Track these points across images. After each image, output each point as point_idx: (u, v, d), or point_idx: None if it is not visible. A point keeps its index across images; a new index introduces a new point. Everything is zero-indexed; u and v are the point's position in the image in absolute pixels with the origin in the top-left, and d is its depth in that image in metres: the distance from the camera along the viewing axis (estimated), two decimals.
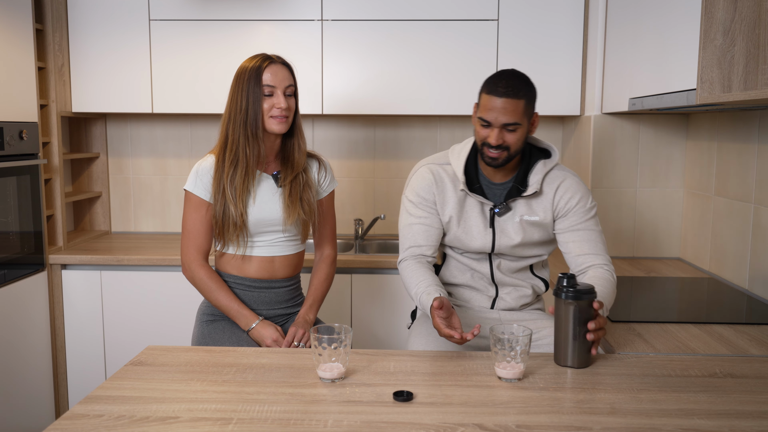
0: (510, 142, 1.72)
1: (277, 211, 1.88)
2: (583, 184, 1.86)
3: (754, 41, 1.45)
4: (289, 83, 1.83)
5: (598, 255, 1.81)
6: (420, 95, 2.91)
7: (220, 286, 1.88)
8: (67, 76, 2.96)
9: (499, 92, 1.68)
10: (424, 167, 1.88)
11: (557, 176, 1.84)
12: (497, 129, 1.70)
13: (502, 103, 1.68)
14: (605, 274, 1.76)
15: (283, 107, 1.81)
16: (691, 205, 2.68)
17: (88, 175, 3.33)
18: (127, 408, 1.27)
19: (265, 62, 1.83)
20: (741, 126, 2.30)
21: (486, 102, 1.71)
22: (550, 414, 1.26)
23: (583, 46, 2.86)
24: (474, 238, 1.85)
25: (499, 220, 1.83)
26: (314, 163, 2.00)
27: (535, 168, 1.82)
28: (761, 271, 2.16)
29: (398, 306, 2.78)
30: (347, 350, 1.42)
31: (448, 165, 1.87)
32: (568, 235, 1.83)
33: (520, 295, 1.92)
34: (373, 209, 3.31)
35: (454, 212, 1.84)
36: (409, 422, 1.22)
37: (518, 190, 1.81)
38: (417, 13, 2.86)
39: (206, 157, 1.89)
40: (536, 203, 1.83)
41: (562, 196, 1.82)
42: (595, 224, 1.84)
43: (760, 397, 1.34)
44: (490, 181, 1.85)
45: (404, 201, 1.90)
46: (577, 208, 1.82)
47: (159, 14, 2.91)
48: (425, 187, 1.85)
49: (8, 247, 2.56)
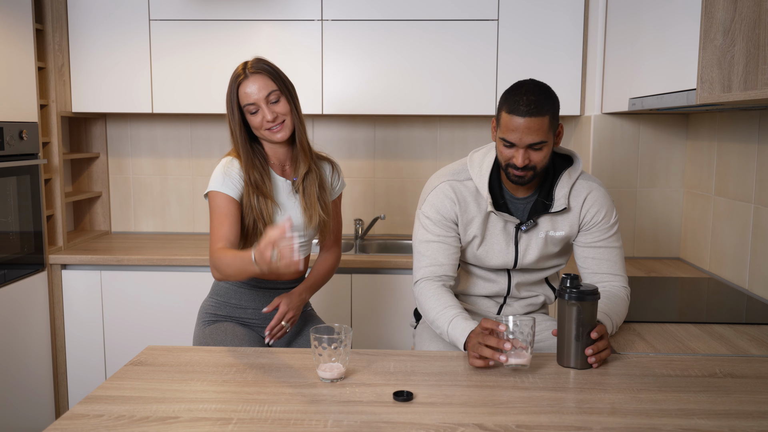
0: (536, 161, 1.61)
1: (298, 216, 1.87)
2: (608, 197, 1.77)
3: (754, 41, 1.45)
4: (269, 90, 1.75)
5: (616, 276, 1.76)
6: (420, 95, 2.91)
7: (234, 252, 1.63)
8: (67, 76, 2.96)
9: (521, 111, 1.55)
10: (445, 184, 1.75)
11: (583, 187, 1.74)
12: (522, 149, 1.58)
13: (525, 123, 1.55)
14: (619, 292, 1.73)
15: (270, 119, 1.75)
16: (691, 205, 2.68)
17: (88, 175, 3.33)
18: (127, 408, 1.27)
19: (239, 78, 1.76)
20: (741, 126, 2.30)
21: (507, 122, 1.58)
22: (551, 414, 1.26)
23: (583, 46, 2.86)
24: (495, 255, 1.77)
25: (524, 236, 1.76)
26: (327, 166, 1.97)
27: (560, 181, 1.71)
28: (761, 271, 2.15)
29: (398, 306, 2.78)
30: (347, 350, 1.42)
31: (469, 180, 1.75)
32: (588, 251, 1.76)
33: (528, 304, 1.90)
34: (373, 209, 3.31)
35: (479, 231, 1.74)
36: (409, 422, 1.22)
37: (543, 204, 1.72)
38: (417, 13, 2.86)
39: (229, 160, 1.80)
40: (561, 219, 1.75)
41: (588, 209, 1.74)
42: (615, 240, 1.77)
43: (760, 397, 1.34)
44: (513, 196, 1.75)
45: (421, 217, 1.77)
46: (601, 223, 1.74)
47: (159, 14, 2.91)
48: (447, 206, 1.73)
49: (8, 247, 2.56)
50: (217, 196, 1.77)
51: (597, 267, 1.77)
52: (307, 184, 1.87)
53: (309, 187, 1.87)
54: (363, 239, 3.20)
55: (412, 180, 3.27)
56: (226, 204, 1.76)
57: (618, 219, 1.80)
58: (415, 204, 3.26)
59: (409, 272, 2.75)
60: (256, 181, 1.78)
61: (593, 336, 1.49)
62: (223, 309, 1.93)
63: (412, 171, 3.26)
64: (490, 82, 2.89)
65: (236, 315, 1.93)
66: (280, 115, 1.77)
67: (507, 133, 1.59)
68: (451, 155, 3.22)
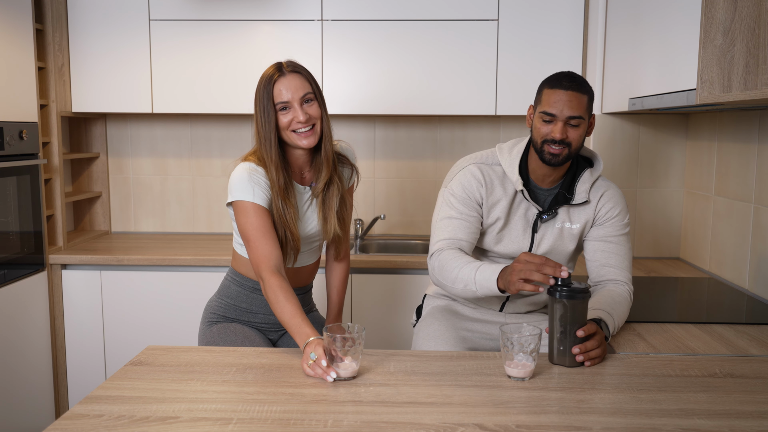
0: (572, 138, 1.68)
1: (316, 224, 1.83)
2: (624, 200, 1.83)
3: (754, 41, 1.45)
4: (305, 92, 1.71)
5: (622, 270, 1.78)
6: (420, 95, 2.91)
7: (288, 298, 1.61)
8: (67, 76, 2.96)
9: (564, 85, 1.66)
10: (473, 165, 1.80)
11: (601, 185, 1.82)
12: (561, 123, 1.66)
13: (567, 96, 1.65)
14: (623, 293, 1.75)
15: (302, 120, 1.70)
16: (691, 205, 2.68)
17: (88, 175, 3.33)
18: (127, 408, 1.27)
19: (275, 76, 1.71)
20: (741, 126, 2.30)
21: (550, 95, 1.67)
22: (550, 414, 1.26)
23: (583, 46, 2.86)
24: (512, 241, 1.81)
25: (542, 226, 1.80)
26: (347, 171, 1.91)
27: (582, 177, 1.79)
28: (761, 271, 2.15)
29: (398, 306, 2.78)
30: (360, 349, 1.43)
31: (498, 165, 1.80)
32: (598, 244, 1.80)
33: (532, 302, 1.91)
34: (373, 209, 3.31)
35: (503, 215, 1.79)
36: (409, 422, 1.22)
37: (564, 197, 1.78)
38: (417, 13, 2.86)
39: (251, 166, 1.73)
40: (578, 212, 1.80)
41: (604, 204, 1.80)
42: (626, 241, 1.81)
43: (760, 397, 1.34)
44: (537, 186, 1.81)
45: (446, 194, 1.81)
46: (615, 220, 1.80)
47: (159, 14, 2.91)
48: (474, 186, 1.78)
49: (8, 247, 2.56)
50: (250, 207, 1.69)
51: (606, 259, 1.79)
52: (327, 196, 1.82)
53: (329, 200, 1.82)
54: (363, 239, 3.20)
55: (412, 180, 3.27)
56: (262, 216, 1.69)
57: (629, 224, 1.84)
58: (415, 204, 3.26)
59: (409, 272, 2.75)
60: (282, 187, 1.73)
61: (579, 335, 1.49)
62: (231, 312, 1.89)
63: (412, 171, 3.26)
64: (490, 82, 2.89)
65: (245, 319, 1.89)
66: (312, 118, 1.73)
67: (548, 105, 1.67)
68: (451, 155, 3.22)
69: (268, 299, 1.64)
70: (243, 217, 1.70)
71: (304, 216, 1.81)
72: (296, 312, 1.57)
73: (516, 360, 1.42)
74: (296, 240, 1.75)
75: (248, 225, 1.69)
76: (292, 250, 1.77)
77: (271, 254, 1.66)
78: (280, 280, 1.63)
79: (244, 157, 1.79)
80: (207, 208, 3.32)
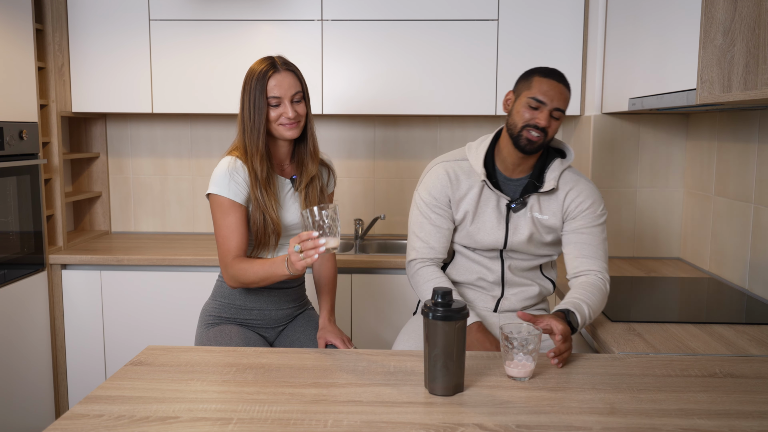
0: (551, 128, 1.75)
1: (297, 215, 1.89)
2: (596, 191, 1.86)
3: (754, 41, 1.45)
4: (296, 90, 1.80)
5: (597, 260, 1.81)
6: (420, 95, 2.91)
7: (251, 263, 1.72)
8: (67, 76, 2.96)
9: (556, 77, 1.73)
10: (439, 165, 1.88)
11: (571, 179, 1.85)
12: (547, 111, 1.72)
13: (558, 87, 1.72)
14: (596, 282, 1.77)
15: (291, 117, 1.78)
16: (691, 205, 2.68)
17: (88, 175, 3.33)
18: (127, 408, 1.27)
19: (270, 71, 1.78)
20: (741, 126, 2.30)
21: (542, 83, 1.72)
22: (550, 414, 1.26)
23: (583, 46, 2.86)
24: (487, 233, 1.85)
25: (513, 216, 1.84)
26: (324, 171, 1.99)
27: (552, 165, 1.83)
28: (761, 271, 2.15)
29: (398, 306, 2.78)
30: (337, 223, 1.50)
31: (465, 161, 1.87)
32: (572, 237, 1.83)
33: (526, 296, 1.92)
34: (373, 209, 3.31)
35: (471, 207, 1.85)
36: (409, 422, 1.22)
37: (534, 186, 1.82)
38: (417, 13, 2.86)
39: (233, 160, 1.80)
40: (547, 202, 1.83)
41: (573, 199, 1.83)
42: (601, 231, 1.84)
43: (760, 397, 1.34)
44: (506, 177, 1.85)
45: (417, 198, 1.91)
46: (587, 212, 1.82)
47: (159, 14, 2.91)
48: (439, 188, 1.86)
49: (8, 247, 2.56)
50: (222, 201, 1.78)
51: (578, 252, 1.81)
52: (310, 189, 1.90)
53: (311, 192, 1.90)
54: (363, 239, 3.20)
55: (412, 180, 3.27)
56: (233, 211, 1.78)
57: (606, 214, 1.86)
58: None
59: None
60: (264, 176, 1.80)
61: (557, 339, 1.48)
62: (226, 311, 1.92)
63: (412, 171, 3.26)
64: (490, 82, 2.89)
65: (240, 317, 1.92)
66: (299, 116, 1.81)
67: (540, 93, 1.72)
68: None
69: (237, 279, 1.76)
70: (217, 212, 1.80)
71: (284, 205, 1.87)
72: (265, 261, 1.69)
73: (516, 360, 1.42)
74: (276, 225, 1.81)
75: (220, 220, 1.79)
76: (273, 234, 1.82)
77: (236, 248, 1.78)
78: (241, 258, 1.76)
79: (228, 150, 1.86)
80: (207, 208, 3.32)
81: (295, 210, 1.89)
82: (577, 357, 1.57)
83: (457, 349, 1.33)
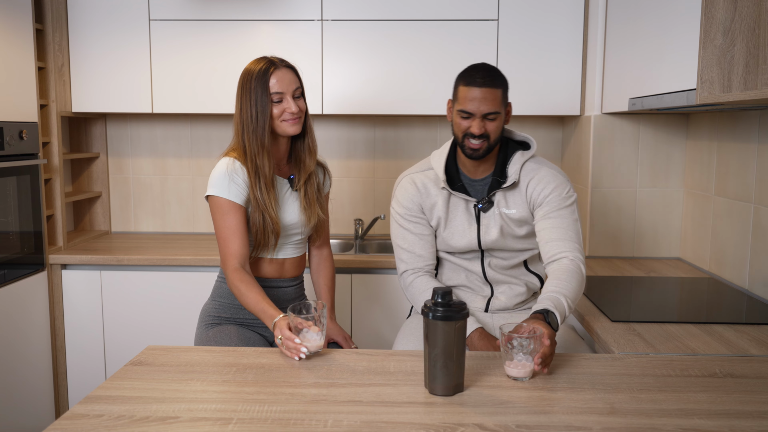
0: (490, 131, 1.75)
1: (297, 214, 1.90)
2: (559, 175, 1.84)
3: (754, 41, 1.45)
4: (296, 86, 1.83)
5: (568, 242, 1.76)
6: (420, 95, 2.91)
7: (249, 288, 1.72)
8: (67, 76, 2.96)
9: (478, 83, 1.72)
10: (406, 178, 1.92)
11: (532, 168, 1.84)
12: (478, 119, 1.73)
13: (481, 93, 1.72)
14: (570, 266, 1.71)
15: (294, 111, 1.80)
16: (691, 205, 2.68)
17: (88, 175, 3.33)
18: (127, 408, 1.27)
19: (271, 68, 1.80)
20: (741, 126, 2.30)
21: (465, 93, 1.74)
22: (550, 414, 1.26)
23: (583, 46, 2.86)
24: (460, 237, 1.87)
25: (484, 215, 1.86)
26: (320, 170, 2.01)
27: (513, 159, 1.84)
28: (761, 271, 2.15)
29: (398, 306, 2.78)
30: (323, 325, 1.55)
31: (430, 170, 1.90)
32: (541, 223, 1.81)
33: (515, 294, 1.93)
34: (373, 209, 3.31)
35: (442, 213, 1.87)
36: (409, 422, 1.22)
37: (498, 182, 1.83)
38: (417, 13, 2.86)
39: (231, 162, 1.80)
40: (512, 196, 1.84)
41: (535, 187, 1.82)
42: (570, 213, 1.81)
43: (760, 397, 1.34)
44: (470, 178, 1.87)
45: (393, 213, 1.94)
46: (551, 197, 1.80)
47: (159, 14, 2.91)
48: (408, 198, 1.89)
49: (8, 247, 2.56)
50: (222, 202, 1.78)
51: (549, 235, 1.78)
52: (308, 186, 1.92)
53: (309, 189, 1.92)
54: (363, 239, 3.20)
55: None
56: (234, 212, 1.78)
57: (574, 195, 1.84)
58: None
59: None
60: (267, 174, 1.80)
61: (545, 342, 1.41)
62: (226, 311, 1.93)
63: None
64: None
65: (239, 316, 1.92)
66: (300, 111, 1.83)
67: (465, 103, 1.74)
68: None
69: (232, 291, 1.77)
70: (216, 213, 1.80)
71: (283, 205, 1.88)
72: (259, 299, 1.70)
73: (516, 360, 1.42)
74: (276, 224, 1.82)
75: (220, 222, 1.79)
76: (272, 234, 1.83)
77: (237, 252, 1.77)
78: (242, 274, 1.75)
79: (225, 152, 1.86)
80: (207, 208, 3.32)
81: (294, 209, 1.90)
82: (577, 357, 1.57)
83: (457, 349, 1.34)
